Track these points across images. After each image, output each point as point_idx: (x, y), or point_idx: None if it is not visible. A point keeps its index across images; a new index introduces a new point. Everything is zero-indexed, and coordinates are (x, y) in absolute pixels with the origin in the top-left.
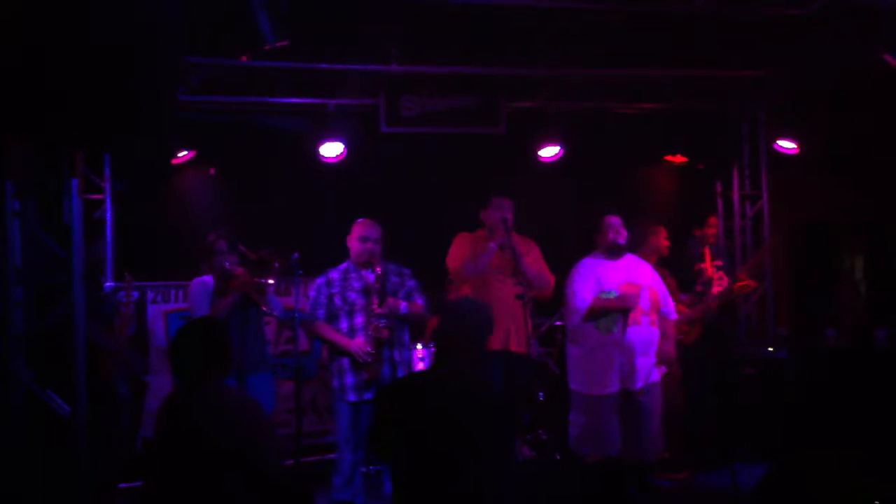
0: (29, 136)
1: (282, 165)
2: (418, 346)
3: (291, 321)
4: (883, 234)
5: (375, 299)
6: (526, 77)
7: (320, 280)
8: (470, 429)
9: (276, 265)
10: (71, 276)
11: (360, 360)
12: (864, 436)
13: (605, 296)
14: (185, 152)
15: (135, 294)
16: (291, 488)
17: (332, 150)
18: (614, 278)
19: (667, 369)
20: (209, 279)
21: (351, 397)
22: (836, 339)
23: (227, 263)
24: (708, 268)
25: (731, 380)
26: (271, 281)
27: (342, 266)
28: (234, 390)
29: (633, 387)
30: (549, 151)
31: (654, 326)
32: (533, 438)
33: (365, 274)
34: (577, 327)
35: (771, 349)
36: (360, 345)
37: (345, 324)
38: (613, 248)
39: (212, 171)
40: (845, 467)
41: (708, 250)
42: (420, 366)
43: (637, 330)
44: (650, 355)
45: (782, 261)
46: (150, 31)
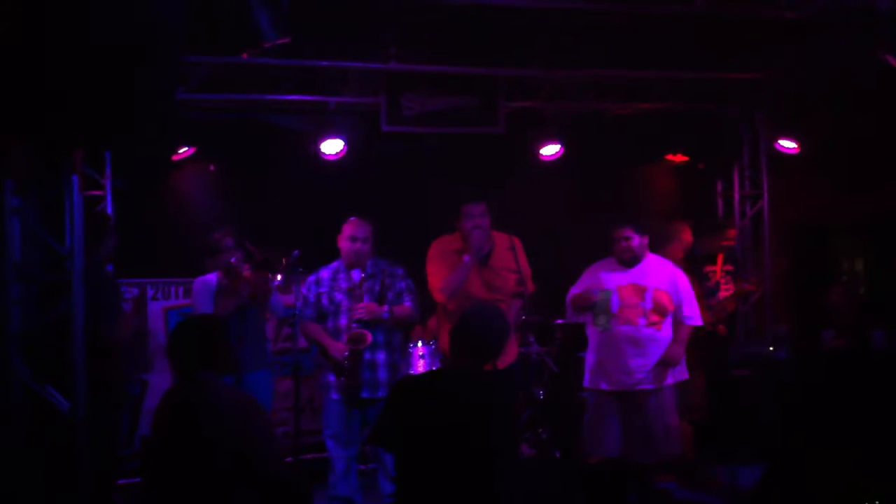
0: (29, 136)
1: (282, 163)
2: (418, 344)
3: (291, 318)
4: (882, 236)
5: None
6: (525, 77)
7: (311, 278)
8: (473, 427)
9: (283, 262)
10: (71, 273)
11: (340, 363)
12: (863, 436)
13: (603, 294)
14: (185, 149)
15: (134, 290)
16: (289, 485)
17: (332, 147)
18: (618, 280)
19: (685, 375)
20: (212, 277)
21: (335, 395)
22: (833, 340)
23: (233, 259)
24: (718, 271)
25: (729, 380)
26: (278, 277)
27: (333, 265)
28: (231, 388)
29: (633, 387)
30: (549, 150)
31: (656, 328)
32: (532, 437)
33: (353, 274)
34: (586, 324)
35: (770, 349)
36: (339, 349)
37: (330, 324)
38: (622, 259)
39: (211, 168)
40: (844, 467)
41: (721, 256)
42: (420, 363)
43: (627, 329)
44: (650, 356)
45: (781, 261)
46: (150, 31)
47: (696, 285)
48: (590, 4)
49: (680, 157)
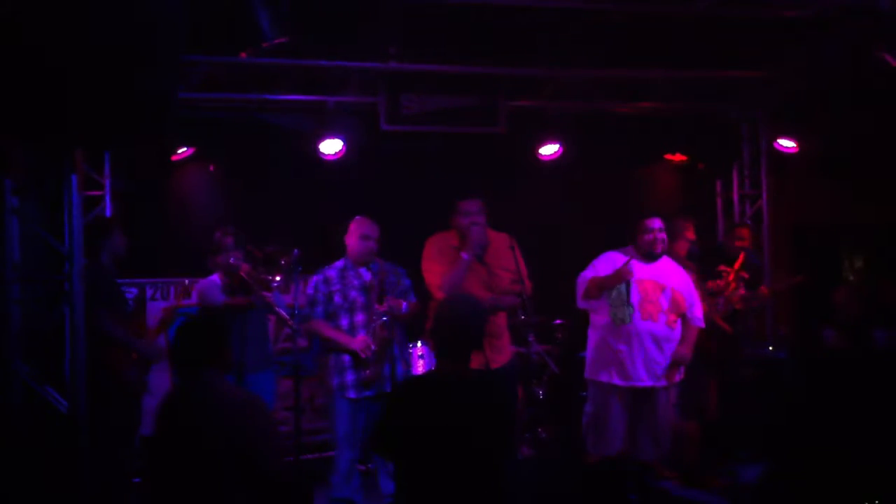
0: (29, 136)
1: (281, 163)
2: (418, 344)
3: (291, 318)
4: (882, 235)
5: (376, 297)
6: (526, 76)
7: (317, 278)
8: (472, 428)
9: (283, 263)
10: (70, 272)
11: (364, 356)
12: (864, 436)
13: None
14: (184, 149)
15: (134, 290)
16: (290, 486)
17: (331, 146)
18: (640, 273)
19: (682, 374)
20: (215, 278)
21: (351, 394)
22: (834, 340)
23: (231, 259)
24: (731, 272)
25: (733, 380)
26: (277, 278)
27: (338, 264)
28: (233, 387)
29: (647, 383)
30: (548, 149)
31: (672, 327)
32: (532, 437)
33: (362, 272)
34: (593, 311)
35: (770, 348)
36: (363, 342)
37: (345, 321)
38: (649, 253)
39: (210, 168)
40: (845, 467)
41: (743, 255)
42: (420, 363)
43: (651, 325)
44: (667, 354)
45: (782, 261)
46: (149, 31)
47: (697, 283)
48: (590, 4)
49: (679, 157)
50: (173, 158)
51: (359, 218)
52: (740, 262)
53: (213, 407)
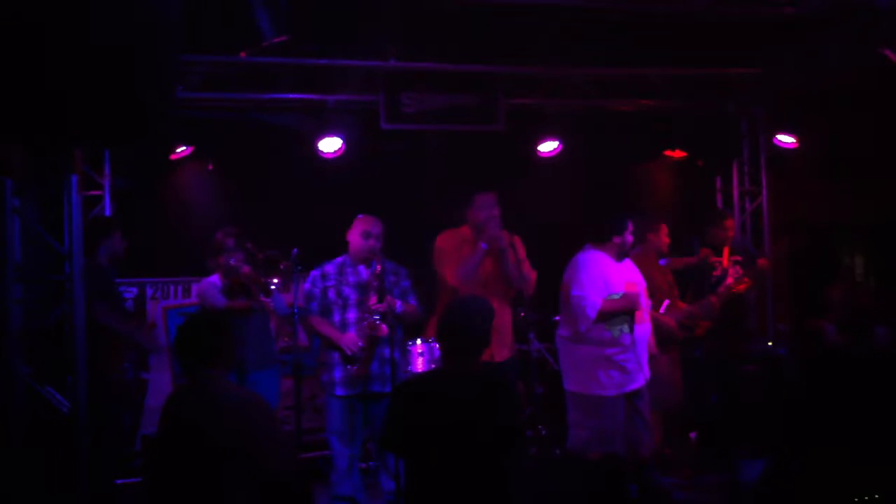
0: (29, 136)
1: (281, 162)
2: (417, 342)
3: (291, 317)
4: (882, 234)
5: (373, 295)
6: (525, 74)
7: (315, 272)
8: (479, 424)
9: (282, 266)
10: (71, 272)
11: (350, 353)
12: (864, 432)
13: (612, 297)
14: (182, 148)
15: (134, 290)
16: (291, 484)
17: (330, 145)
18: (618, 279)
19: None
20: (215, 278)
21: (339, 391)
22: (835, 336)
23: (232, 260)
24: (724, 261)
25: (734, 376)
26: (276, 280)
27: (338, 260)
28: (236, 386)
29: (640, 382)
30: (547, 146)
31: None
32: (532, 434)
33: (360, 269)
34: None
35: (770, 344)
36: (351, 339)
37: (337, 317)
38: (625, 251)
39: (209, 167)
40: (845, 464)
41: (728, 248)
42: (419, 361)
43: (643, 328)
44: (646, 351)
45: (783, 260)
46: (149, 31)
47: (694, 283)
48: (590, 2)
49: (679, 152)
50: (172, 157)
51: (362, 216)
52: (727, 250)
53: (214, 406)
